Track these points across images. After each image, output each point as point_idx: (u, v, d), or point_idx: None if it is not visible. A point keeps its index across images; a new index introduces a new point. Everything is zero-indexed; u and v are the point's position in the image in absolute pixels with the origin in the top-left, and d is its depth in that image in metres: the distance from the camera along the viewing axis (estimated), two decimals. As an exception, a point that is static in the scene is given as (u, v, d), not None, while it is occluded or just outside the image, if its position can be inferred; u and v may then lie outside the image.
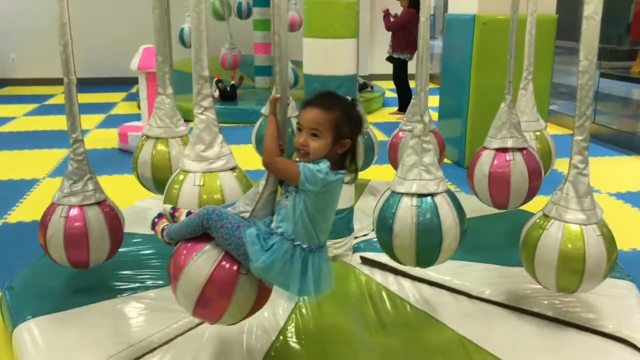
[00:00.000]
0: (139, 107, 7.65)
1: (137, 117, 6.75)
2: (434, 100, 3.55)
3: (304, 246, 1.67)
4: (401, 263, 2.24)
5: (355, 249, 2.84)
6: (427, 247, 2.14)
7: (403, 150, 3.28)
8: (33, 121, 7.04)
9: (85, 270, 2.62)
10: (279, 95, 1.77)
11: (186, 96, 3.23)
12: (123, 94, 8.94)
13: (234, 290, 1.69)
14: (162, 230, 1.93)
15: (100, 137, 6.11)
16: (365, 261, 2.73)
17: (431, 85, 9.98)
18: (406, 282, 2.55)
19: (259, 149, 3.36)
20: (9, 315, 2.35)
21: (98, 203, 2.35)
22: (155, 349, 2.10)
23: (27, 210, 3.91)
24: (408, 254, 2.16)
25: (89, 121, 6.90)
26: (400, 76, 7.18)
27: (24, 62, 9.88)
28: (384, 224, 2.18)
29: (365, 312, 2.36)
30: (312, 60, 2.62)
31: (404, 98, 7.21)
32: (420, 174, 2.17)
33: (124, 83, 9.51)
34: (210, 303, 1.70)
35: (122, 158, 5.31)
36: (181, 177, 2.22)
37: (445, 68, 5.46)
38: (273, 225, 1.70)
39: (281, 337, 2.16)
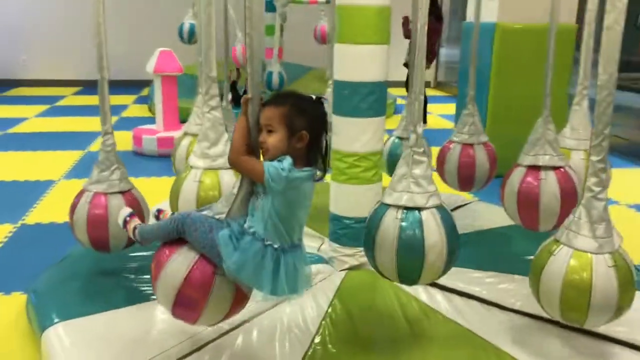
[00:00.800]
0: (149, 110, 7.67)
1: (148, 120, 6.75)
2: (446, 109, 3.52)
3: (275, 246, 1.69)
4: (384, 277, 2.15)
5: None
6: (408, 263, 2.03)
7: (450, 162, 3.29)
8: (45, 122, 7.03)
9: (110, 273, 2.62)
10: (250, 96, 1.76)
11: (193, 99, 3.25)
12: (134, 97, 8.93)
13: (210, 290, 1.73)
14: (134, 228, 2.00)
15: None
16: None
17: (442, 93, 10.06)
18: (436, 293, 2.52)
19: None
20: (35, 319, 2.33)
21: (122, 192, 2.45)
22: (185, 356, 2.06)
23: (44, 212, 3.89)
24: (389, 268, 2.07)
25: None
26: (414, 84, 7.15)
27: (34, 63, 9.87)
28: (368, 235, 2.10)
29: (397, 322, 2.33)
30: (342, 66, 2.60)
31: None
32: (409, 186, 2.06)
33: (134, 85, 9.50)
34: (187, 303, 1.75)
35: (137, 161, 5.29)
36: (186, 172, 2.40)
37: (463, 76, 5.44)
38: (246, 225, 1.71)
39: (313, 347, 2.12)
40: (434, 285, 2.56)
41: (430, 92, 7.47)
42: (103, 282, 2.54)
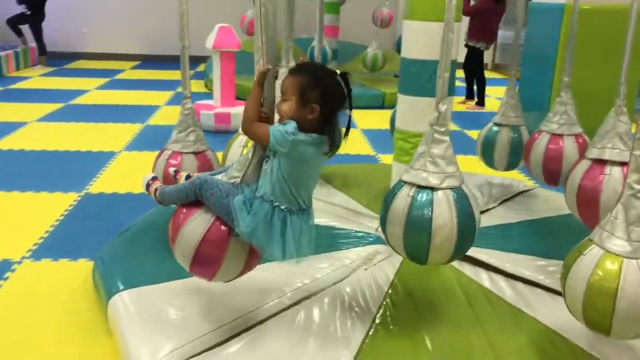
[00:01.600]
0: (205, 85, 7.75)
1: (204, 95, 6.82)
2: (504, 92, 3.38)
3: (282, 207, 1.77)
4: (397, 253, 2.16)
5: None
6: (415, 241, 2.03)
7: (535, 153, 3.05)
8: (105, 95, 7.19)
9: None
10: (268, 67, 1.82)
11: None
12: (190, 72, 9.02)
13: (225, 250, 1.82)
14: (155, 190, 2.10)
15: (170, 114, 6.17)
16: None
17: (500, 76, 9.77)
18: (500, 279, 2.46)
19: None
20: (102, 286, 2.39)
21: (195, 153, 2.63)
22: (246, 329, 2.08)
23: (107, 182, 3.99)
24: (398, 245, 2.08)
25: (158, 98, 7.01)
26: (472, 65, 6.99)
27: (95, 36, 10.08)
28: (383, 209, 2.12)
29: (459, 305, 2.29)
30: (411, 43, 2.54)
31: (479, 87, 7.06)
32: (425, 165, 2.04)
33: (190, 61, 9.59)
34: (204, 262, 1.85)
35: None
36: (237, 138, 2.72)
37: (526, 59, 5.27)
38: (256, 189, 1.80)
39: (375, 327, 2.11)
40: (498, 271, 2.51)
41: (488, 75, 7.30)
42: (168, 252, 2.58)
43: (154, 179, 2.19)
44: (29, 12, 8.66)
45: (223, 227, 1.82)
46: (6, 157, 4.54)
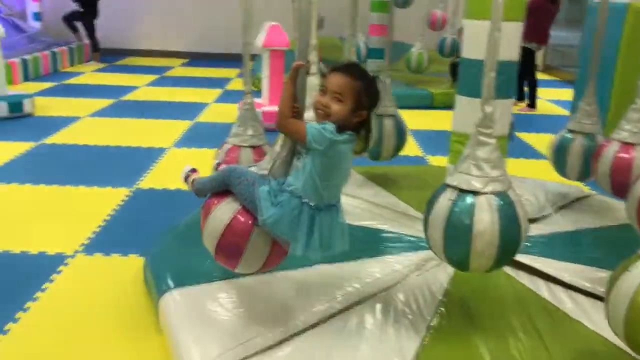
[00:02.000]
0: (253, 83, 7.77)
1: (254, 93, 6.83)
2: (556, 94, 3.24)
3: (312, 204, 1.78)
4: (439, 258, 2.10)
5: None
6: (454, 247, 1.97)
7: (603, 163, 2.90)
8: (154, 91, 7.29)
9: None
10: (302, 63, 1.84)
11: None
12: (237, 70, 9.09)
13: (248, 239, 1.84)
14: (193, 181, 2.15)
15: (219, 111, 6.23)
16: (511, 262, 2.55)
17: (551, 77, 9.48)
18: (558, 289, 2.37)
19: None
20: (153, 283, 2.39)
21: (253, 147, 2.63)
22: (298, 333, 2.04)
23: (157, 178, 4.03)
24: (439, 249, 2.02)
25: (207, 95, 7.07)
26: (524, 66, 6.80)
27: (145, 33, 10.24)
28: (426, 212, 2.06)
29: (516, 317, 2.19)
30: (471, 43, 2.46)
31: (530, 89, 6.89)
32: (468, 168, 1.97)
33: (237, 59, 9.66)
34: (228, 250, 1.88)
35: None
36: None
37: (584, 60, 5.09)
38: (285, 184, 1.82)
39: (430, 334, 2.05)
40: (556, 281, 2.41)
41: (539, 76, 7.10)
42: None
43: (192, 170, 2.22)
44: (81, 10, 8.86)
45: (248, 217, 1.85)
46: (60, 151, 4.64)
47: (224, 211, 1.88)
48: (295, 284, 2.33)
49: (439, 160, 4.62)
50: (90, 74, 8.33)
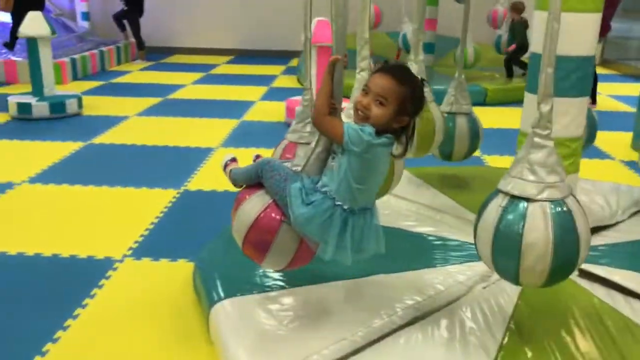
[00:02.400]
0: (298, 81, 7.67)
1: (296, 91, 6.72)
2: (616, 89, 3.00)
3: (345, 207, 1.73)
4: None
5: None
6: (503, 259, 1.80)
7: None
8: (200, 90, 7.26)
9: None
10: (339, 57, 1.78)
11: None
12: (282, 67, 9.01)
13: (276, 235, 1.80)
14: (230, 171, 2.08)
15: (265, 110, 6.14)
16: (585, 275, 2.36)
17: (609, 71, 9.04)
18: (639, 304, 2.16)
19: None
20: (203, 291, 2.29)
21: (309, 143, 2.52)
22: (357, 351, 1.90)
23: (205, 179, 3.95)
24: (487, 258, 1.85)
25: (253, 93, 7.00)
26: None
27: (190, 31, 10.26)
28: (476, 218, 1.90)
29: (595, 335, 2.00)
30: (542, 37, 2.27)
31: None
32: (521, 172, 1.79)
33: (282, 56, 9.61)
34: (255, 243, 1.85)
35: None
36: None
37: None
38: (319, 184, 1.76)
39: (500, 357, 1.88)
40: (636, 296, 2.21)
41: (597, 70, 6.79)
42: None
43: (232, 159, 2.18)
44: (126, 8, 8.93)
45: (277, 212, 1.82)
46: (109, 150, 4.63)
47: (254, 205, 1.85)
48: (352, 295, 2.20)
49: (496, 161, 4.40)
50: (137, 73, 8.38)
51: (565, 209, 1.76)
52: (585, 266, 2.38)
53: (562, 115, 2.24)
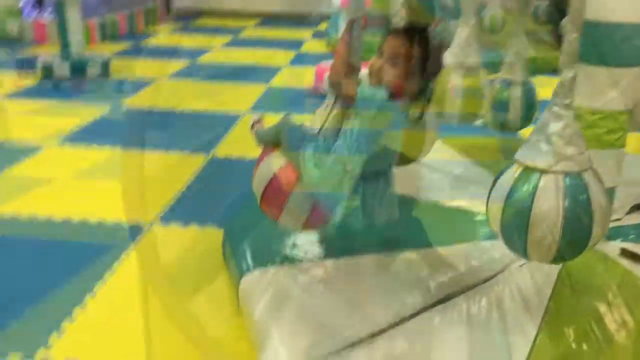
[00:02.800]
0: (327, 45, 7.52)
1: (325, 56, 6.59)
2: None
3: (357, 171, 1.72)
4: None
5: (612, 234, 2.38)
6: (511, 230, 1.72)
7: None
8: (228, 53, 7.18)
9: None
10: (356, 17, 1.77)
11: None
12: (311, 31, 8.85)
13: (289, 194, 1.81)
14: (256, 132, 2.10)
15: (293, 75, 6.04)
16: (627, 254, 2.26)
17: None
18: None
19: None
20: (233, 261, 2.26)
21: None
22: (393, 326, 1.85)
23: (233, 146, 3.90)
24: (497, 228, 1.78)
25: (281, 58, 6.88)
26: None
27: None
28: (490, 188, 1.83)
29: (631, 315, 1.93)
30: (595, 2, 2.13)
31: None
32: (537, 143, 1.71)
33: (309, 20, 9.42)
34: (271, 201, 1.88)
35: (317, 99, 5.17)
36: None
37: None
38: (333, 148, 1.76)
39: (540, 338, 1.82)
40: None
41: None
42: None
43: (258, 120, 2.18)
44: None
45: (292, 173, 1.82)
46: (139, 114, 4.59)
47: (271, 163, 1.88)
48: (383, 270, 2.14)
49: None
50: (165, 35, 8.30)
51: (581, 182, 1.68)
52: (628, 245, 2.29)
53: (611, 86, 2.12)
